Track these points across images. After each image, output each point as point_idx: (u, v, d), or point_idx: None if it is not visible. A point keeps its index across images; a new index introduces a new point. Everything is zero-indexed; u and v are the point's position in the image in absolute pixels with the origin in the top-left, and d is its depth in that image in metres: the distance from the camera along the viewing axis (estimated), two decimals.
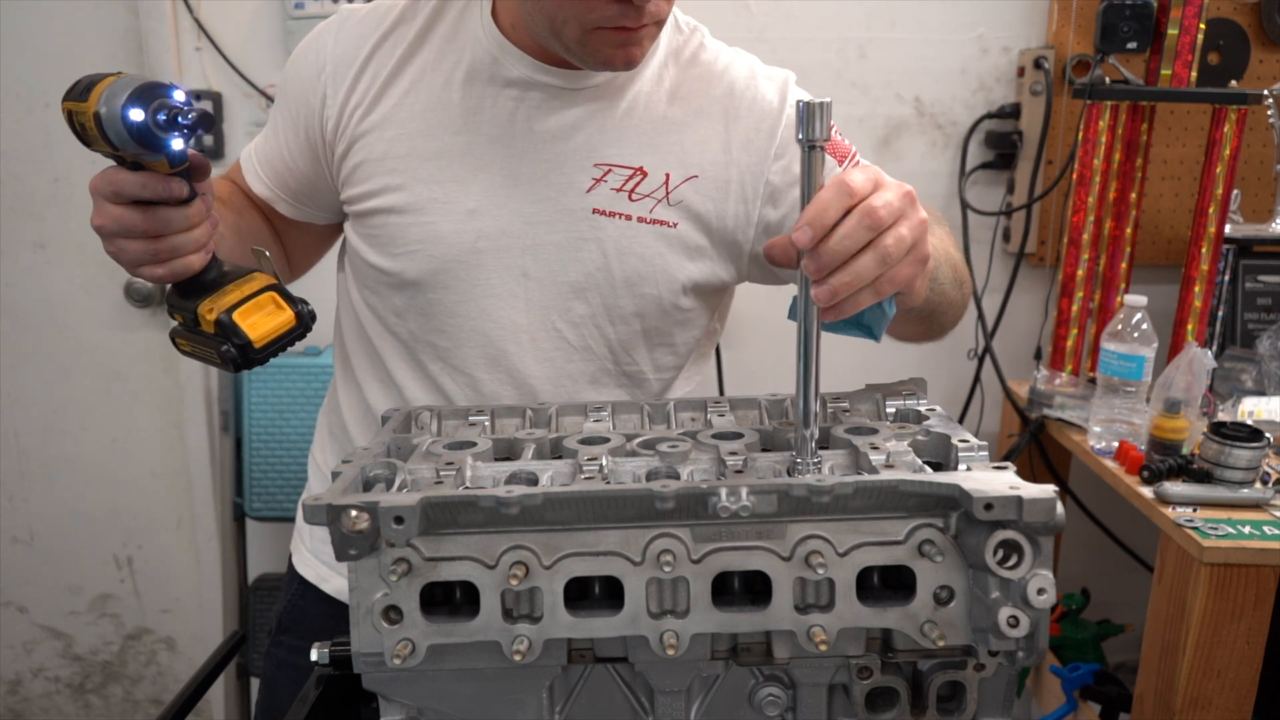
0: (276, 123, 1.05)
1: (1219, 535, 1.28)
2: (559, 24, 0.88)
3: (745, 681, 0.69)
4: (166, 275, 0.83)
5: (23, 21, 1.91)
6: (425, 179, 0.97)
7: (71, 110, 0.76)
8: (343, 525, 0.61)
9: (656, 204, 0.98)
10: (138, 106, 0.72)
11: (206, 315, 0.82)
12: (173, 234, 0.81)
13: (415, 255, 0.98)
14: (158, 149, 0.74)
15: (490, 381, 1.02)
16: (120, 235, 0.81)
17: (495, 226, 0.97)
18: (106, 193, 0.80)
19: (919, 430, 0.75)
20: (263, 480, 1.95)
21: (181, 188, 0.79)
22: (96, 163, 0.80)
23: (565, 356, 1.02)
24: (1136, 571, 1.98)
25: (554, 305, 1.00)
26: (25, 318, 2.05)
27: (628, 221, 0.98)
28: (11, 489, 2.15)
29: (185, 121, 0.73)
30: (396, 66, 0.98)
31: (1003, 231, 2.02)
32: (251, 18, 1.90)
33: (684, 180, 0.99)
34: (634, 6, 0.85)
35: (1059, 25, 1.91)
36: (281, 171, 1.05)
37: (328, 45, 1.00)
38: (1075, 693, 1.75)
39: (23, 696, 2.29)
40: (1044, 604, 0.60)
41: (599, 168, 0.97)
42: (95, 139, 0.75)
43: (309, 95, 1.00)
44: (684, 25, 1.04)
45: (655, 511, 0.63)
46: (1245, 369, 1.71)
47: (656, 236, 0.99)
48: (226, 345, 0.82)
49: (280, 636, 1.19)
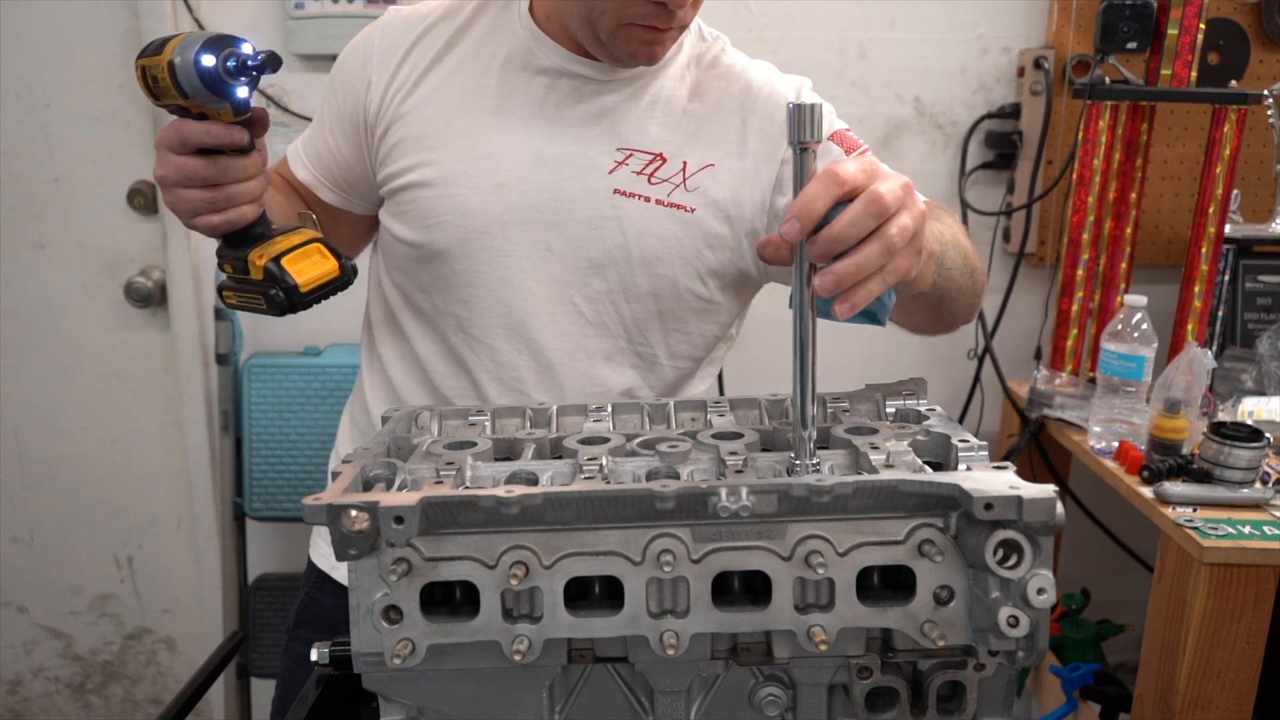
0: (323, 114, 1.12)
1: (1219, 535, 1.28)
2: (595, 15, 0.95)
3: (745, 681, 0.69)
4: (221, 224, 0.87)
5: (23, 21, 1.91)
6: (458, 154, 1.03)
7: (145, 66, 0.81)
8: (343, 525, 0.61)
9: (674, 189, 1.04)
10: (210, 53, 0.78)
11: (256, 261, 0.87)
12: (230, 183, 0.86)
13: (444, 225, 1.03)
14: (225, 95, 0.79)
15: (509, 352, 1.06)
16: (181, 184, 0.85)
17: (522, 201, 1.02)
18: (172, 142, 0.84)
19: (919, 430, 0.75)
20: (263, 480, 1.95)
21: (243, 135, 0.84)
22: (97, 162, 0.81)
23: (582, 331, 1.06)
24: (1136, 571, 1.98)
25: (573, 280, 1.04)
26: (25, 318, 2.05)
27: (646, 203, 1.03)
28: (11, 489, 2.15)
29: (253, 64, 0.79)
30: (438, 55, 1.05)
31: (1003, 231, 2.02)
32: (251, 18, 1.90)
33: (701, 168, 1.04)
34: (666, 10, 0.93)
35: (1059, 25, 1.91)
36: (325, 158, 1.12)
37: (375, 38, 1.08)
38: (1075, 693, 1.75)
39: (23, 696, 2.29)
40: (1044, 604, 0.60)
41: (621, 151, 1.03)
42: (167, 89, 0.80)
43: (355, 83, 1.07)
44: (707, 34, 1.12)
45: (655, 511, 0.63)
46: (1245, 369, 1.71)
47: (674, 220, 1.04)
48: (275, 289, 0.87)
49: (297, 630, 1.21)
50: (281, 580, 2.07)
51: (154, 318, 2.06)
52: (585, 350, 1.07)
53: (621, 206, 1.03)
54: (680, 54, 1.08)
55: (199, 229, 0.89)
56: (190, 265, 1.98)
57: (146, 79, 0.82)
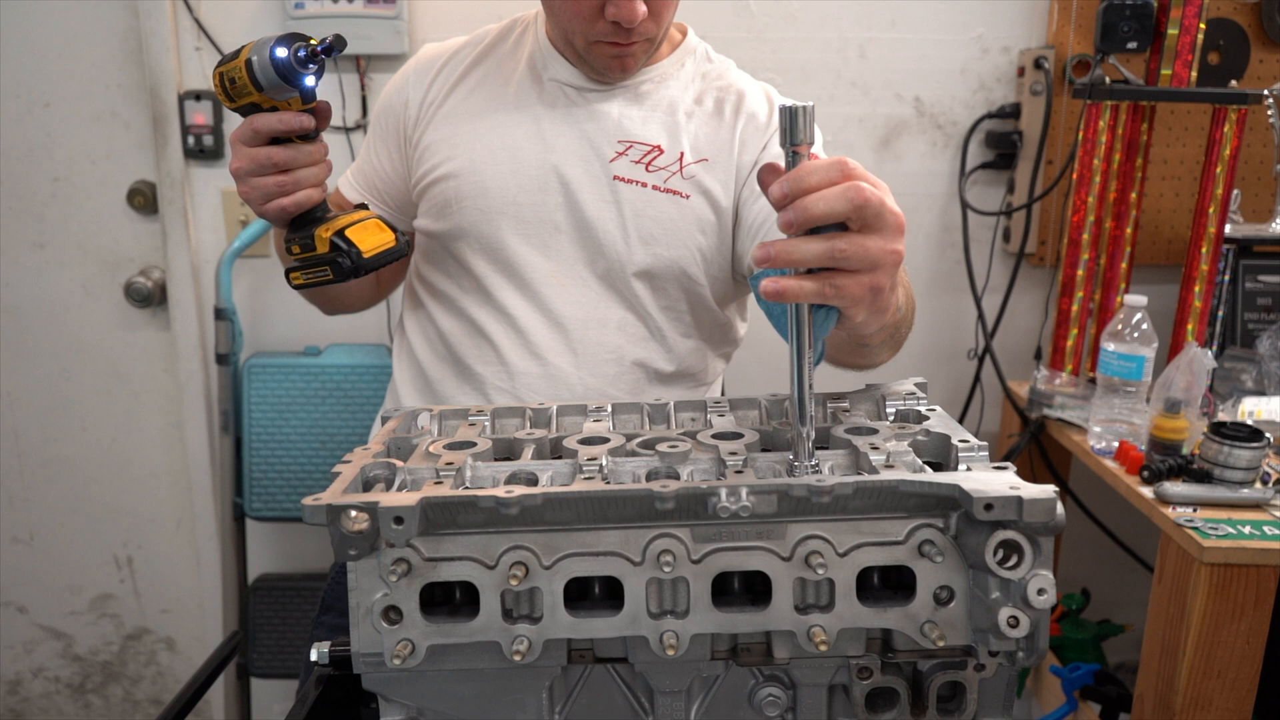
0: (368, 143, 1.28)
1: (1219, 535, 1.28)
2: (571, 34, 1.11)
3: (745, 682, 0.69)
4: (291, 206, 0.98)
5: (23, 21, 1.91)
6: (478, 149, 1.17)
7: (224, 71, 0.92)
8: (342, 525, 0.61)
9: (671, 176, 1.16)
10: (283, 46, 0.88)
11: (322, 235, 0.98)
12: (299, 167, 0.97)
13: (466, 208, 1.16)
14: (296, 84, 0.90)
15: (526, 319, 1.16)
16: (255, 173, 0.97)
17: (534, 184, 1.16)
18: (246, 135, 0.96)
19: (919, 430, 0.75)
20: (263, 480, 1.95)
21: (311, 121, 0.95)
22: (97, 162, 0.81)
23: (592, 302, 1.17)
24: (1136, 571, 1.98)
25: (580, 256, 1.17)
26: (25, 318, 2.05)
27: (644, 189, 1.15)
28: (11, 489, 2.15)
29: (321, 49, 0.89)
30: (464, 72, 1.22)
31: (1003, 231, 2.02)
32: (251, 18, 1.90)
33: (696, 161, 1.17)
34: (623, 28, 1.06)
35: (1059, 25, 1.91)
36: (370, 177, 1.27)
37: (410, 66, 1.26)
38: (1075, 693, 1.75)
39: (23, 696, 2.29)
40: (1044, 604, 0.60)
41: (622, 143, 1.16)
42: (244, 87, 0.91)
43: (395, 103, 1.24)
44: (714, 57, 1.26)
45: (655, 511, 0.63)
46: (1245, 369, 1.71)
47: (670, 203, 1.15)
48: (341, 257, 0.97)
49: (322, 618, 1.26)
50: (281, 580, 2.07)
51: (154, 318, 2.06)
52: (598, 319, 1.17)
53: (620, 191, 1.15)
54: (684, 70, 1.21)
55: (270, 214, 0.99)
56: (190, 265, 1.98)
57: (224, 83, 0.93)
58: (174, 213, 1.95)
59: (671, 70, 1.20)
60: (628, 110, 1.17)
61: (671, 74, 1.20)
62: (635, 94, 1.18)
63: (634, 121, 1.17)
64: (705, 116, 1.19)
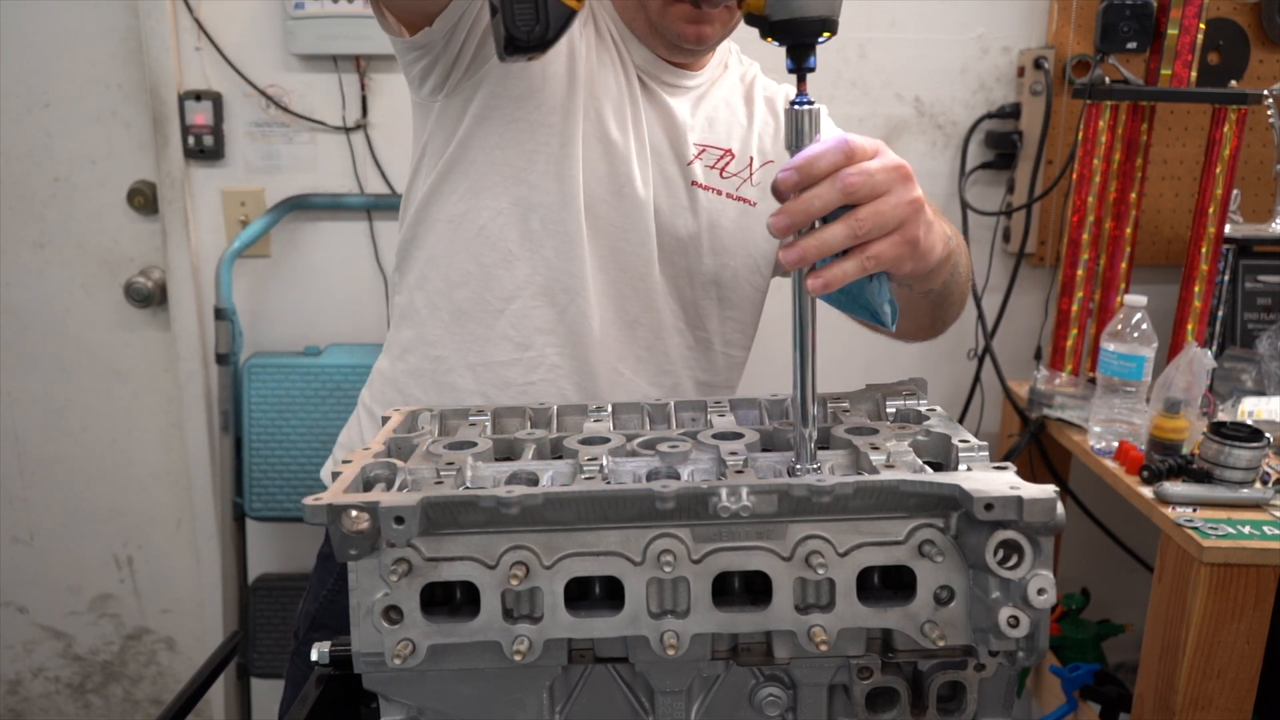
0: None
1: (1219, 535, 1.28)
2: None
3: (745, 681, 0.69)
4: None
5: (23, 21, 1.91)
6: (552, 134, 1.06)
7: None
8: (343, 525, 0.61)
9: (742, 183, 1.13)
10: None
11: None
12: None
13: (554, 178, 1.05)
14: None
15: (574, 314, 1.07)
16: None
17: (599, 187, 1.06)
18: None
19: (919, 430, 0.75)
20: (263, 480, 1.95)
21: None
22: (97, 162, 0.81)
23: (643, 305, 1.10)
24: (1136, 571, 1.98)
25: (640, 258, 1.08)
26: (25, 318, 2.05)
27: (719, 196, 1.11)
28: (11, 489, 2.15)
29: None
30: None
31: (1003, 231, 2.02)
32: (251, 18, 1.90)
33: (763, 164, 1.14)
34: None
35: (1059, 25, 1.91)
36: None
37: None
38: (1075, 693, 1.75)
39: (23, 696, 2.29)
40: (1044, 604, 0.60)
41: (696, 146, 1.11)
42: None
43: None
44: (745, 60, 1.22)
45: (655, 511, 0.63)
46: (1245, 369, 1.71)
47: (741, 212, 1.12)
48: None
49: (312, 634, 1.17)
50: (281, 580, 2.07)
51: (154, 318, 2.06)
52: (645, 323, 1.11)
53: (697, 198, 1.10)
54: (729, 74, 1.17)
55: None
56: (190, 265, 1.98)
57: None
58: (174, 213, 1.95)
59: (717, 73, 1.16)
60: (697, 108, 1.12)
61: (719, 76, 1.16)
62: (693, 95, 1.12)
63: (702, 124, 1.12)
64: (757, 117, 1.16)
